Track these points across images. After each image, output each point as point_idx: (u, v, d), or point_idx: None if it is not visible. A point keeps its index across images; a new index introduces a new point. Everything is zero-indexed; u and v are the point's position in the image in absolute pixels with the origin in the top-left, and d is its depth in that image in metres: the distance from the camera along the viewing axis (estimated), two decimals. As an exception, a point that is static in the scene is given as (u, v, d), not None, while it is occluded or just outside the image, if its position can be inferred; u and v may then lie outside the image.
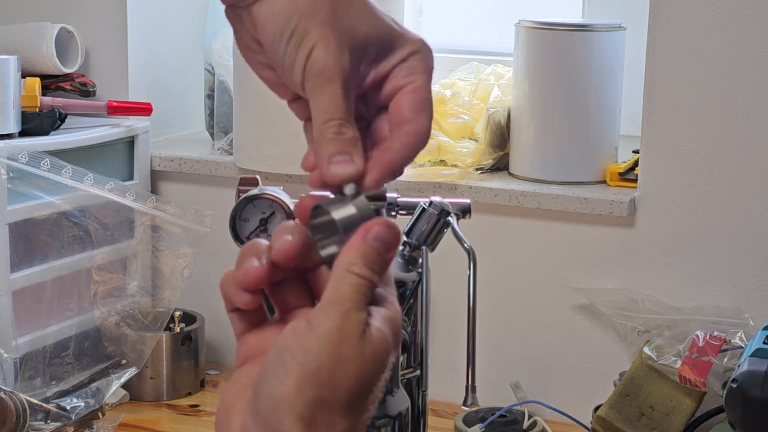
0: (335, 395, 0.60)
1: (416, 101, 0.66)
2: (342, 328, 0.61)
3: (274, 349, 0.62)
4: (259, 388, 0.61)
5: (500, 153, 1.81)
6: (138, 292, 1.85)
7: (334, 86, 0.64)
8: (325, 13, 0.64)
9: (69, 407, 1.64)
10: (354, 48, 0.65)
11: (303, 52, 0.64)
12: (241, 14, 0.67)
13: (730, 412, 1.31)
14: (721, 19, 1.59)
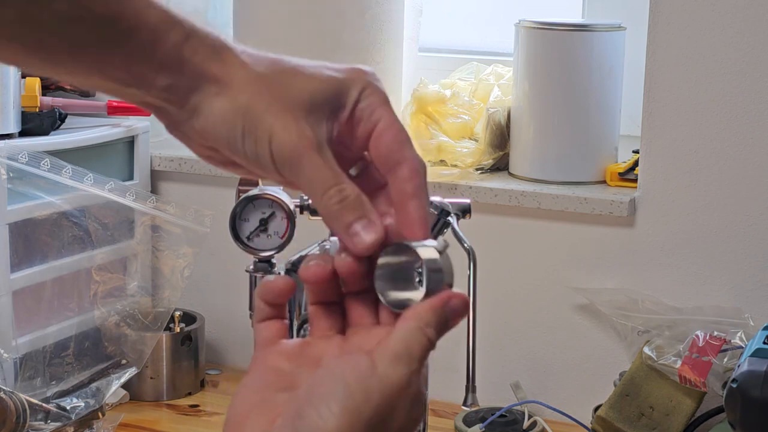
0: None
1: (394, 138, 0.66)
2: (407, 386, 0.62)
3: (329, 374, 0.62)
4: (303, 409, 0.61)
5: (500, 153, 1.81)
6: (138, 292, 1.85)
7: (311, 158, 0.63)
8: (266, 100, 0.64)
9: (69, 407, 1.64)
10: (308, 113, 0.64)
11: (263, 146, 0.64)
12: (184, 130, 0.66)
13: (730, 412, 1.31)
14: (721, 19, 1.59)
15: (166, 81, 0.64)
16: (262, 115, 0.64)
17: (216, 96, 0.64)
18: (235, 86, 0.64)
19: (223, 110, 0.64)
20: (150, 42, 0.63)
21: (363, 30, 1.78)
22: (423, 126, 1.81)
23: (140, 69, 0.63)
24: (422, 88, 1.82)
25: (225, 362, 1.97)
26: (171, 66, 0.64)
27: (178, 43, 0.64)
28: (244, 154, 0.65)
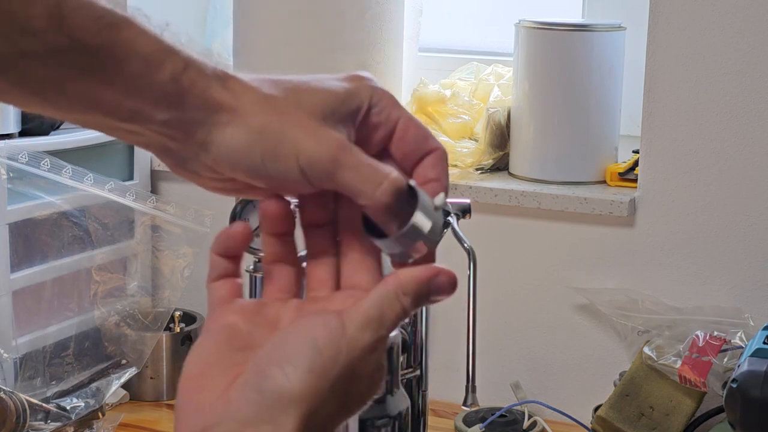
0: (342, 407, 0.61)
1: (418, 134, 0.66)
2: (373, 350, 0.61)
3: (297, 333, 0.61)
4: (268, 368, 0.60)
5: (500, 153, 1.81)
6: (138, 292, 1.85)
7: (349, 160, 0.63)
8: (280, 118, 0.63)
9: (69, 407, 1.64)
10: (324, 121, 0.64)
11: (290, 162, 0.62)
12: (193, 167, 0.65)
13: (730, 412, 1.31)
14: (721, 19, 1.59)
15: (166, 114, 0.62)
16: (280, 133, 0.62)
17: (227, 126, 0.62)
18: (244, 112, 0.62)
19: (238, 138, 0.62)
20: (144, 73, 0.60)
21: (363, 30, 1.78)
22: (423, 126, 1.81)
23: (135, 102, 0.61)
24: (422, 88, 1.82)
25: (225, 362, 1.97)
26: (170, 98, 0.61)
27: (176, 73, 0.61)
28: (267, 176, 0.63)
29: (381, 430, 0.83)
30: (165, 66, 0.61)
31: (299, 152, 0.62)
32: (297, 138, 0.62)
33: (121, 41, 0.60)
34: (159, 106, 0.61)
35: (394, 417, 0.84)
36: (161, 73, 0.61)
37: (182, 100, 0.62)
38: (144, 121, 0.62)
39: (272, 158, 0.62)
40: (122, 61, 0.60)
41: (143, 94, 0.61)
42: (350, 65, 1.78)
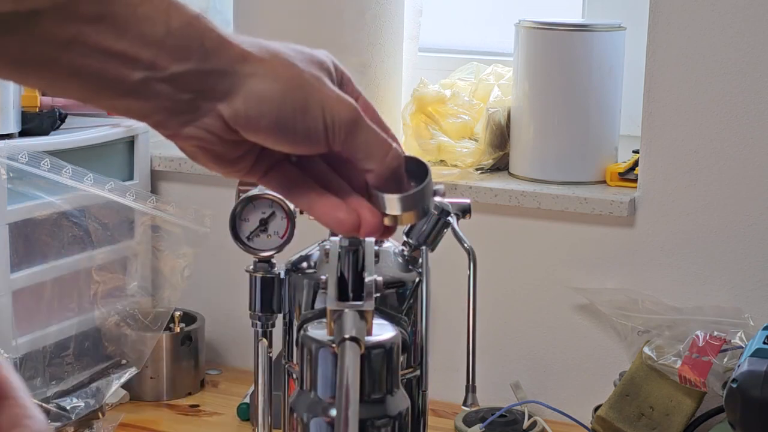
0: None
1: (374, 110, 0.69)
2: None
3: None
4: None
5: (500, 153, 1.81)
6: (138, 292, 1.85)
7: (367, 124, 0.65)
8: (307, 74, 0.63)
9: (69, 407, 1.64)
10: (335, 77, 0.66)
11: (317, 118, 0.63)
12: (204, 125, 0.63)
13: (730, 412, 1.31)
14: (721, 19, 1.59)
15: (185, 65, 0.60)
16: (311, 87, 0.63)
17: (257, 76, 0.62)
18: (272, 64, 0.62)
19: (271, 88, 0.62)
20: (159, 20, 0.59)
21: (363, 30, 1.78)
22: (423, 126, 1.81)
23: (151, 52, 0.59)
24: (422, 88, 1.82)
25: (225, 362, 1.97)
26: (188, 46, 0.60)
27: (192, 20, 0.60)
28: (292, 131, 0.63)
29: (381, 430, 0.83)
30: (180, 12, 0.60)
31: (325, 108, 0.63)
32: (325, 95, 0.63)
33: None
34: (177, 55, 0.60)
35: (393, 417, 0.84)
36: (176, 19, 0.59)
37: (203, 48, 0.60)
38: (157, 77, 0.60)
39: (303, 110, 0.62)
40: (135, 7, 0.58)
41: (159, 43, 0.59)
42: (350, 65, 1.77)
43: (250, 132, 0.63)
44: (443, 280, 1.56)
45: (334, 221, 0.67)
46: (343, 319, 0.75)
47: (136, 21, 0.59)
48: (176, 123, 0.63)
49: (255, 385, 1.08)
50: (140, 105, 0.62)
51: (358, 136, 0.64)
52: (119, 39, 0.59)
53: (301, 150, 0.65)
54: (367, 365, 0.81)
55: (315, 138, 0.63)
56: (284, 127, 0.63)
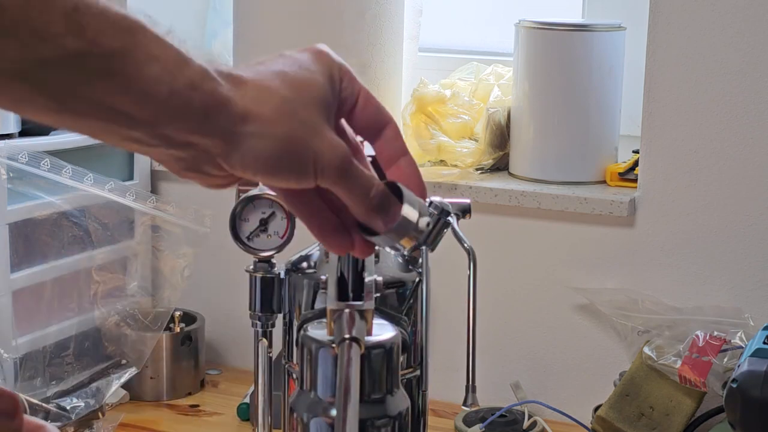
0: None
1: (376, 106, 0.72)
2: None
3: None
4: None
5: (500, 153, 1.80)
6: (138, 292, 1.85)
7: (355, 166, 0.68)
8: (299, 124, 0.66)
9: (69, 407, 1.64)
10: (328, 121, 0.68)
11: (308, 165, 0.66)
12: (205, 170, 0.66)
13: (730, 412, 1.31)
14: (721, 19, 1.59)
15: (186, 124, 0.62)
16: (303, 140, 0.66)
17: (253, 136, 0.64)
18: (269, 120, 0.64)
19: (266, 146, 0.64)
20: (163, 79, 0.61)
21: (363, 30, 1.78)
22: (423, 126, 1.81)
23: (154, 110, 0.61)
24: (422, 88, 1.82)
25: (225, 362, 1.97)
26: (190, 107, 0.62)
27: (195, 81, 0.62)
28: (284, 177, 0.66)
29: (381, 430, 0.83)
30: (183, 73, 0.61)
31: (317, 157, 0.66)
32: (316, 145, 0.66)
33: (139, 45, 0.60)
34: (177, 115, 0.62)
35: (393, 417, 0.84)
36: (180, 79, 0.61)
37: (203, 108, 0.62)
38: (160, 131, 0.62)
39: (296, 162, 0.66)
40: (141, 65, 0.60)
41: (162, 102, 0.61)
42: (350, 65, 1.77)
43: (246, 176, 0.66)
44: (443, 280, 1.56)
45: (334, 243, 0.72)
46: (343, 319, 0.75)
47: (142, 80, 0.60)
48: (176, 168, 0.66)
49: (255, 385, 1.08)
50: (142, 150, 0.64)
51: (346, 180, 0.68)
52: (123, 97, 0.60)
53: (291, 187, 0.69)
54: (367, 365, 0.81)
55: (304, 180, 0.67)
56: (277, 176, 0.66)
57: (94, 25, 0.58)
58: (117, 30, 0.59)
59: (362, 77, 2.00)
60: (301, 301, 1.01)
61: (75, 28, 0.57)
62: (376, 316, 0.79)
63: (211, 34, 2.03)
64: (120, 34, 0.59)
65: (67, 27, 0.57)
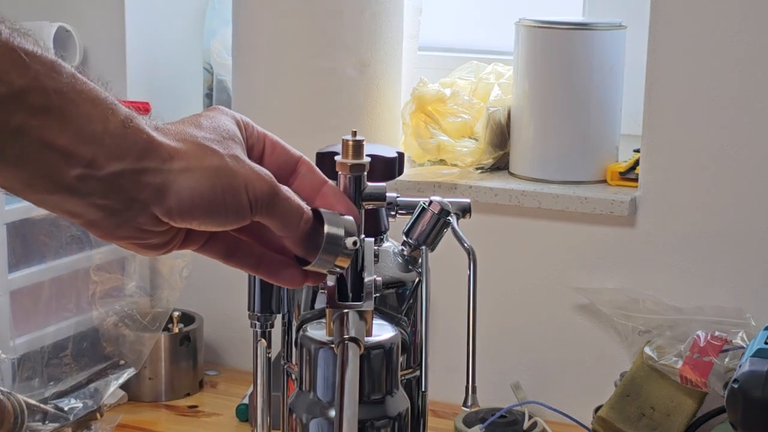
0: None
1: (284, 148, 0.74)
2: None
3: None
4: None
5: (500, 152, 1.80)
6: (136, 293, 1.84)
7: (283, 193, 0.70)
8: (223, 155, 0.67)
9: (67, 408, 1.63)
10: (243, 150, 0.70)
11: (242, 196, 0.67)
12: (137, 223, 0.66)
13: (732, 412, 1.30)
14: (722, 18, 1.59)
15: (121, 164, 0.63)
16: (232, 170, 0.67)
17: (185, 171, 0.65)
18: (195, 155, 0.66)
19: (199, 179, 0.66)
20: (98, 118, 0.62)
21: (362, 29, 1.77)
22: (423, 125, 1.80)
23: (90, 149, 0.62)
24: (422, 87, 1.82)
25: (224, 363, 1.97)
26: (124, 146, 0.63)
27: (126, 121, 0.64)
28: (223, 212, 0.67)
29: (380, 431, 0.83)
30: (115, 113, 0.63)
31: (248, 186, 0.68)
32: (245, 174, 0.68)
33: (74, 87, 0.62)
34: (113, 154, 0.63)
35: (393, 418, 0.83)
36: (112, 119, 0.63)
37: (136, 147, 0.64)
38: (97, 172, 0.63)
39: (231, 192, 0.67)
40: (77, 103, 0.61)
41: (99, 139, 0.62)
42: (349, 64, 1.77)
43: (184, 223, 0.67)
44: (443, 280, 1.55)
45: (291, 278, 0.74)
46: (342, 319, 0.75)
47: (79, 118, 0.62)
48: (110, 224, 0.66)
49: (254, 385, 1.08)
50: (74, 202, 0.65)
51: (276, 208, 0.69)
52: (62, 133, 0.61)
53: (228, 227, 0.69)
54: (367, 366, 0.80)
55: (241, 215, 0.68)
56: (215, 212, 0.67)
57: (33, 65, 0.60)
58: (52, 71, 0.61)
59: (361, 76, 2.00)
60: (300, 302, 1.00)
61: (19, 66, 0.59)
62: (375, 317, 0.79)
63: (210, 33, 2.03)
64: (56, 75, 0.61)
65: (11, 64, 0.59)
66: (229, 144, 0.69)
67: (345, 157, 0.79)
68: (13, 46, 0.59)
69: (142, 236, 0.67)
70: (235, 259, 0.74)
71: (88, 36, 1.95)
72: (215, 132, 0.69)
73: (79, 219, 0.66)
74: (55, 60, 0.61)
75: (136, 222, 0.66)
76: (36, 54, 0.60)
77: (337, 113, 1.77)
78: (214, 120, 0.70)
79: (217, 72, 2.00)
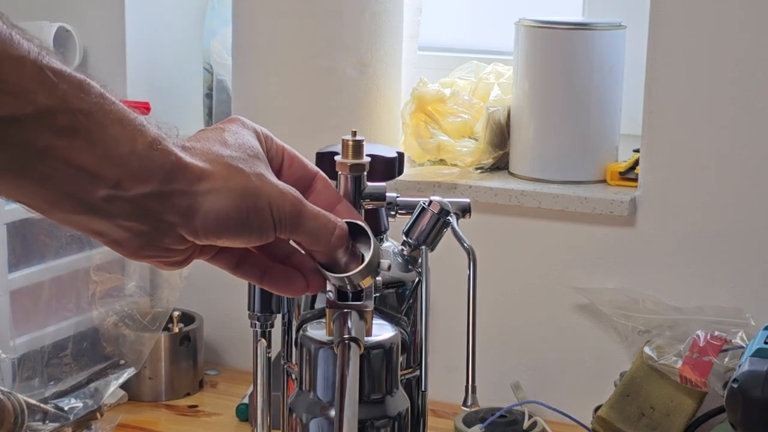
0: None
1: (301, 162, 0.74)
2: None
3: None
4: None
5: (500, 152, 1.80)
6: (136, 292, 1.84)
7: (309, 209, 0.70)
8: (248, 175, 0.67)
9: (67, 408, 1.63)
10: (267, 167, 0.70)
11: (266, 215, 0.68)
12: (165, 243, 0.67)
13: (731, 412, 1.30)
14: (722, 17, 1.59)
15: (147, 186, 0.63)
16: (257, 190, 0.67)
17: (212, 192, 0.65)
18: (222, 176, 0.66)
19: (225, 201, 0.66)
20: (125, 140, 0.62)
21: (362, 29, 1.77)
22: (422, 125, 1.80)
23: (117, 171, 0.62)
24: (422, 87, 1.82)
25: (224, 363, 1.97)
26: (151, 168, 0.63)
27: (154, 143, 0.63)
28: (248, 233, 0.67)
29: (380, 430, 0.83)
30: (143, 135, 0.63)
31: (272, 205, 0.68)
32: (270, 192, 0.68)
33: (101, 107, 0.61)
34: (140, 176, 0.63)
35: (393, 418, 0.83)
36: (140, 141, 0.63)
37: (163, 169, 0.64)
38: (123, 194, 0.63)
39: (255, 213, 0.67)
40: (104, 125, 0.61)
41: (125, 161, 0.62)
42: (349, 64, 1.77)
43: (208, 242, 0.67)
44: (443, 280, 1.55)
45: (295, 290, 0.74)
46: (342, 319, 0.75)
47: (106, 139, 0.61)
48: (136, 244, 0.66)
49: (254, 385, 1.08)
50: (99, 222, 0.64)
51: (301, 226, 0.69)
52: (88, 155, 0.61)
53: (252, 244, 0.70)
54: (367, 365, 0.80)
55: (265, 234, 0.68)
56: (240, 231, 0.67)
57: (61, 84, 0.59)
58: (80, 91, 0.60)
59: (361, 76, 2.00)
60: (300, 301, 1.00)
61: (47, 86, 0.59)
62: (375, 316, 0.79)
63: (210, 32, 2.03)
64: (84, 95, 0.60)
65: (39, 84, 0.58)
66: (254, 162, 0.68)
67: (345, 157, 0.79)
68: (41, 66, 0.59)
69: (167, 255, 0.67)
70: (243, 270, 0.74)
71: (88, 36, 1.95)
72: (241, 150, 0.68)
73: (104, 238, 0.65)
74: (83, 79, 0.61)
75: (162, 242, 0.66)
76: (64, 73, 0.60)
77: (337, 113, 1.77)
78: (238, 136, 0.70)
79: (217, 72, 2.00)
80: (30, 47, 0.59)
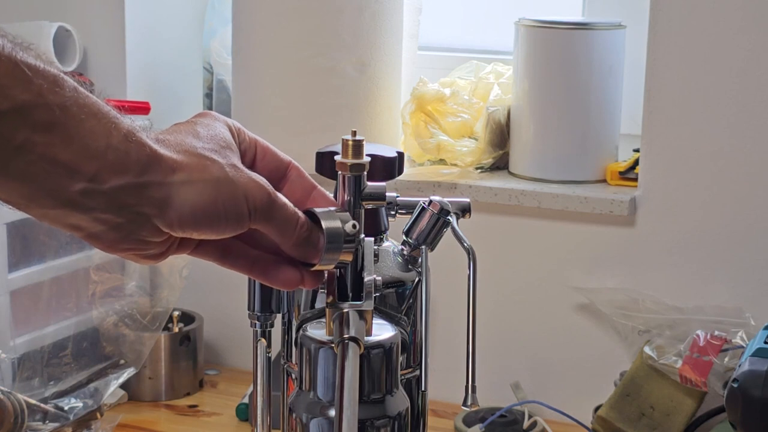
0: None
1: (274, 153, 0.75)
2: None
3: None
4: None
5: (500, 152, 1.80)
6: (136, 292, 1.84)
7: (280, 200, 0.71)
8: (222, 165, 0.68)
9: (67, 407, 1.63)
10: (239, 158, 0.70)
11: (242, 205, 0.68)
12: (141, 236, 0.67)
13: (731, 412, 1.30)
14: (721, 17, 1.59)
15: (123, 179, 0.64)
16: (231, 180, 0.68)
17: (187, 183, 0.66)
18: (196, 167, 0.67)
19: (200, 192, 0.66)
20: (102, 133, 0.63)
21: (362, 28, 1.77)
22: (422, 125, 1.80)
23: (94, 165, 0.62)
24: (422, 86, 1.82)
25: (224, 362, 1.97)
26: (127, 160, 0.64)
27: (128, 135, 0.64)
28: (224, 223, 0.68)
29: (380, 430, 0.83)
30: (117, 128, 0.64)
31: (247, 195, 0.68)
32: (243, 182, 0.69)
33: (76, 102, 0.62)
34: (116, 168, 0.63)
35: (393, 417, 0.83)
36: (115, 134, 0.63)
37: (138, 162, 0.64)
38: (100, 187, 0.63)
39: (231, 203, 0.68)
40: (80, 119, 0.61)
41: (102, 154, 0.63)
42: (349, 63, 1.77)
43: (184, 233, 0.68)
44: (443, 280, 1.55)
45: (288, 281, 0.75)
46: (342, 318, 0.75)
47: (82, 133, 0.62)
48: (112, 237, 0.66)
49: (254, 385, 1.08)
50: (76, 216, 0.64)
51: (272, 216, 0.70)
52: (66, 149, 0.62)
53: (226, 235, 0.70)
54: (367, 365, 0.80)
55: (240, 224, 0.69)
56: (215, 222, 0.68)
57: (36, 79, 0.60)
58: (55, 85, 0.61)
59: (361, 76, 2.00)
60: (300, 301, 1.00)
61: (23, 81, 0.59)
62: (375, 316, 0.79)
63: (210, 32, 2.03)
64: (59, 89, 0.61)
65: (14, 79, 0.59)
66: (227, 153, 0.69)
67: (345, 156, 0.79)
68: (17, 61, 0.59)
69: (143, 247, 0.68)
70: (229, 260, 0.74)
71: (88, 36, 1.95)
72: (213, 141, 0.69)
73: (81, 232, 0.66)
74: (57, 74, 0.61)
75: (138, 234, 0.66)
76: (39, 68, 0.60)
77: (337, 113, 1.77)
78: (210, 128, 0.70)
79: (217, 72, 2.00)
80: (3, 42, 0.59)
